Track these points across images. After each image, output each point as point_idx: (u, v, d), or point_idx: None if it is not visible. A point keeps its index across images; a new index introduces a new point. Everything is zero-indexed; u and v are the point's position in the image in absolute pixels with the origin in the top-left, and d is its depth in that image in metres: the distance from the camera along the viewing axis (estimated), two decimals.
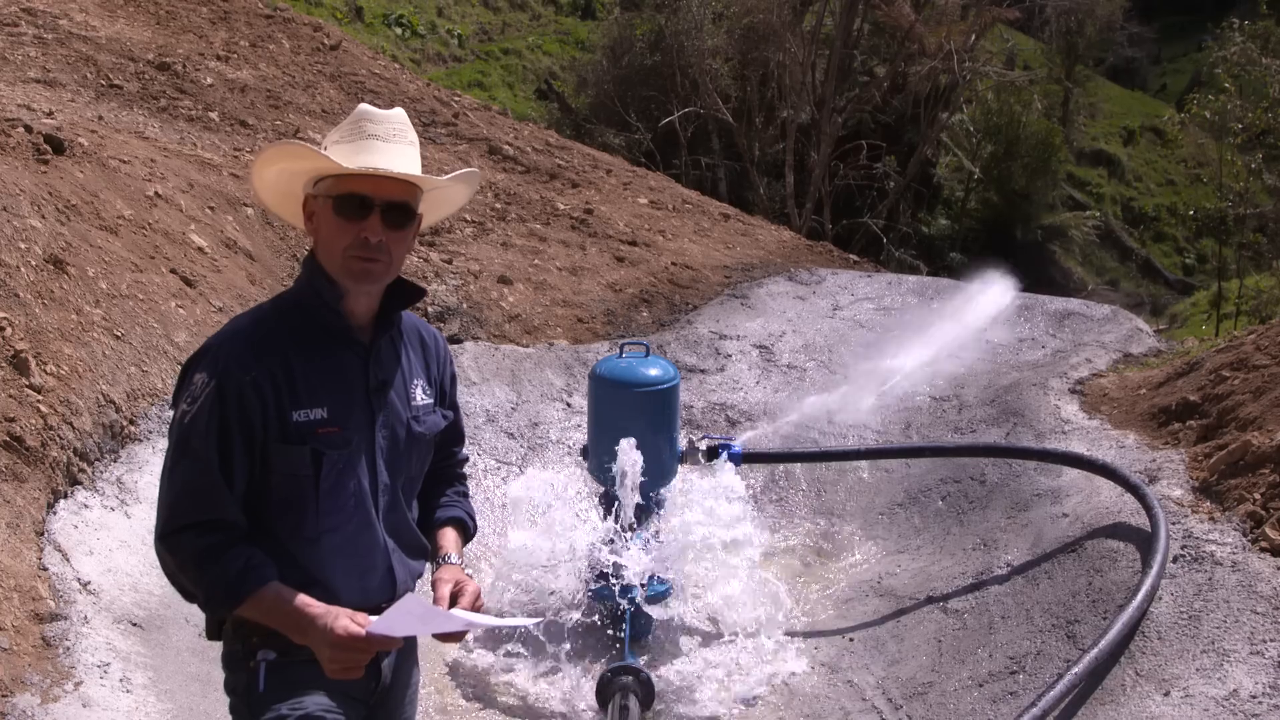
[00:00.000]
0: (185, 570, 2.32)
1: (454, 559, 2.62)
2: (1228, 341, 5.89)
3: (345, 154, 2.38)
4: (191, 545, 2.30)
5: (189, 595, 2.38)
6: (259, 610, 2.30)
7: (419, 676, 2.75)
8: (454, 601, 2.48)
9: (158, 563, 2.40)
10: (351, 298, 2.44)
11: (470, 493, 2.87)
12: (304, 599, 2.30)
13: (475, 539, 2.90)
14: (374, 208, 2.37)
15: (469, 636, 4.72)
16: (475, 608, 2.49)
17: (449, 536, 2.69)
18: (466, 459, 2.88)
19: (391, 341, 2.55)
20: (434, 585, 2.54)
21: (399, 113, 2.47)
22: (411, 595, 2.30)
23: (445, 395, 2.70)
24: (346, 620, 2.26)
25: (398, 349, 2.57)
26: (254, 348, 2.37)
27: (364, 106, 2.46)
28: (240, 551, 2.31)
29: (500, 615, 2.48)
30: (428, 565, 2.66)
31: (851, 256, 11.33)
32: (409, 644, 2.65)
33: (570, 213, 9.46)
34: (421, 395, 2.59)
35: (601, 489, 5.10)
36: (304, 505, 2.39)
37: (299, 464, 2.37)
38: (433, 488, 2.73)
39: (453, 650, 4.69)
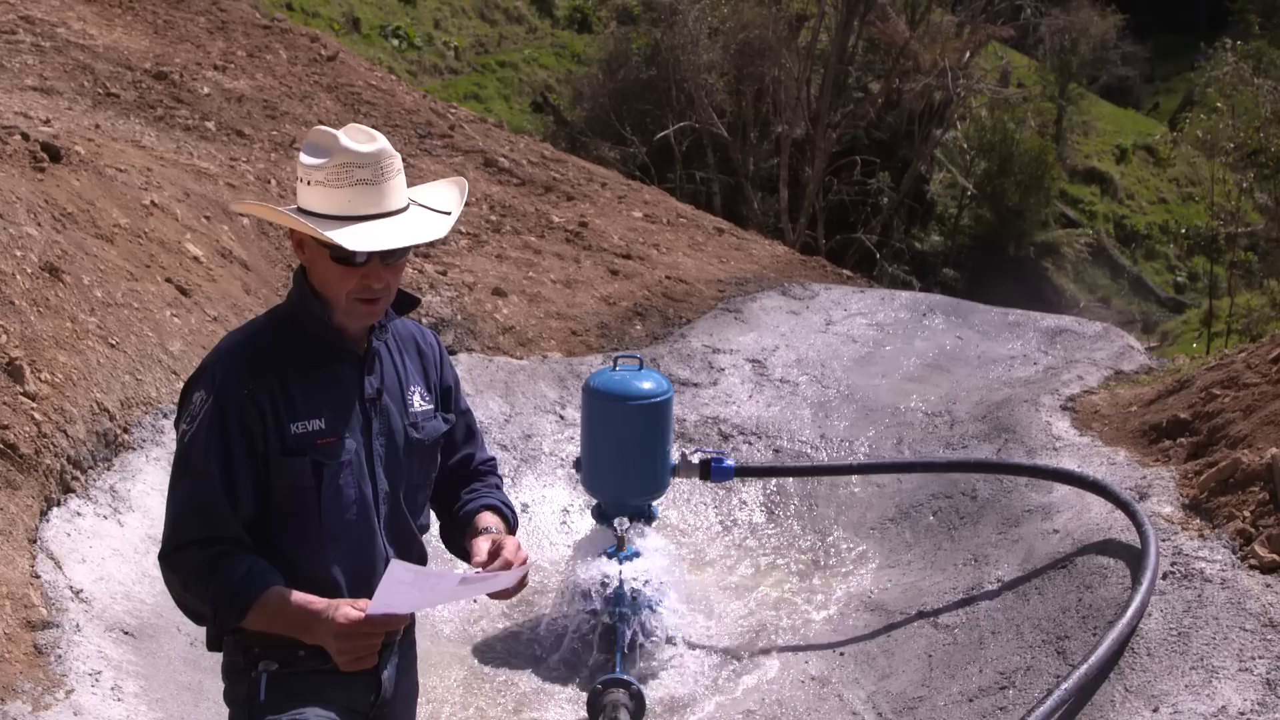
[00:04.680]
0: (190, 586, 2.32)
1: (495, 531, 2.57)
2: (1218, 359, 5.91)
3: (333, 201, 2.33)
4: (194, 559, 2.31)
5: (198, 616, 2.38)
6: (266, 615, 2.29)
7: (418, 688, 2.75)
8: (494, 558, 2.44)
9: (150, 571, 2.41)
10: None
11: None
12: (307, 597, 2.30)
13: None
14: (374, 255, 2.35)
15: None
16: (520, 561, 2.44)
17: (487, 516, 2.64)
18: (493, 459, 2.84)
19: (386, 349, 2.56)
20: (472, 548, 2.51)
21: (384, 147, 2.37)
22: (397, 562, 2.25)
23: (447, 400, 2.70)
24: (348, 608, 2.27)
25: (393, 357, 2.57)
26: (249, 362, 2.38)
27: (344, 141, 2.34)
28: (243, 559, 2.31)
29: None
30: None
31: (845, 272, 11.33)
32: (409, 657, 2.65)
33: (565, 225, 9.47)
34: (419, 401, 2.59)
35: (594, 501, 5.11)
36: (307, 516, 2.40)
37: (300, 476, 2.38)
38: (463, 485, 2.72)
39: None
